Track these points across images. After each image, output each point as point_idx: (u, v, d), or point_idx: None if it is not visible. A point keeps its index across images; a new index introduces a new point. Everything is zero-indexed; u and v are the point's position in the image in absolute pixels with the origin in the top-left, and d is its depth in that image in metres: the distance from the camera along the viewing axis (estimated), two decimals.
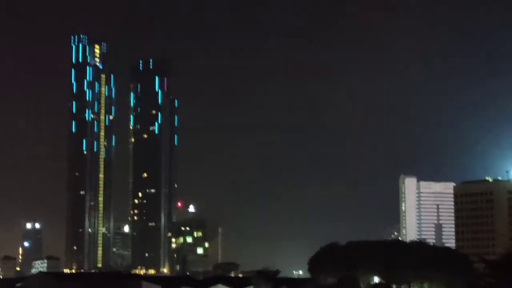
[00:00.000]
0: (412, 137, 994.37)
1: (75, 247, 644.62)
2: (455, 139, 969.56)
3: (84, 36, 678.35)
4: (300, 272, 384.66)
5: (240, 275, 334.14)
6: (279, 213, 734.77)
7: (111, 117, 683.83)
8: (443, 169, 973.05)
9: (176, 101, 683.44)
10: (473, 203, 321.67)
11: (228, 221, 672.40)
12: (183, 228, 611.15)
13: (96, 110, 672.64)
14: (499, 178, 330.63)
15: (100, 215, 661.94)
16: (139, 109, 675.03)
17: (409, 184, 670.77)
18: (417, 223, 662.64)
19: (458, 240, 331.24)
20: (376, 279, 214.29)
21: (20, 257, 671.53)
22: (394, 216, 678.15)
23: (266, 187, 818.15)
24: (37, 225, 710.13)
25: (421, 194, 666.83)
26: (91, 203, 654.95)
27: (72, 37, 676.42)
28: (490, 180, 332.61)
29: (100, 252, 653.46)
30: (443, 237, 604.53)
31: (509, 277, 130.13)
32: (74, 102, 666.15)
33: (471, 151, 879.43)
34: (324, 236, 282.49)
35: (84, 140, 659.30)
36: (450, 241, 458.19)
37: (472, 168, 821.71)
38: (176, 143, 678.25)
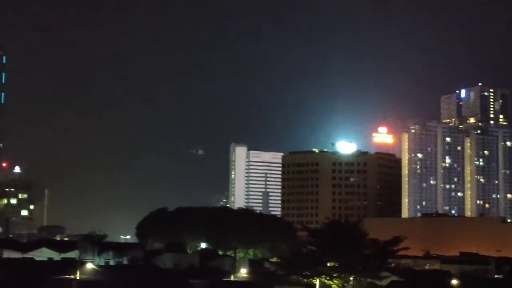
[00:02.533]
0: (243, 106, 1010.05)
1: None
2: (285, 110, 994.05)
3: None
4: (128, 237, 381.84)
5: (66, 239, 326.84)
6: (108, 179, 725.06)
7: None
8: (273, 139, 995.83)
9: (4, 57, 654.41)
10: (299, 173, 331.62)
11: (55, 183, 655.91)
12: (7, 189, 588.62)
13: None
14: (325, 150, 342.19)
15: None
16: None
17: (240, 153, 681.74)
18: (246, 191, 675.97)
19: (284, 208, 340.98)
20: (204, 245, 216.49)
21: None
22: (224, 184, 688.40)
23: (96, 152, 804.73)
24: None
25: (251, 163, 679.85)
26: None
27: None
28: (317, 151, 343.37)
29: None
30: (270, 205, 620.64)
31: (330, 245, 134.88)
32: None
33: (300, 123, 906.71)
34: (154, 203, 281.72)
35: None
36: (276, 209, 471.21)
37: (300, 139, 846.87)
38: (3, 100, 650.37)
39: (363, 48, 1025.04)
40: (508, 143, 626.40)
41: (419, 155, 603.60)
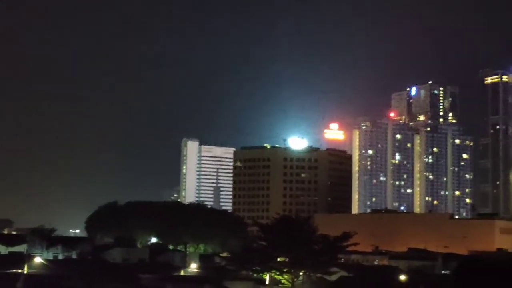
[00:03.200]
0: (196, 102, 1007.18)
1: None
2: (237, 106, 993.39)
3: None
4: (77, 231, 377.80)
5: (14, 232, 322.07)
6: (58, 173, 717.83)
7: None
8: (225, 134, 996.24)
9: None
10: (251, 168, 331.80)
11: (3, 176, 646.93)
12: None
13: None
14: (277, 145, 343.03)
15: None
16: None
17: (191, 148, 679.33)
18: (197, 186, 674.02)
19: (235, 204, 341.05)
20: (154, 240, 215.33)
21: None
22: (175, 178, 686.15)
23: (46, 146, 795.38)
24: None
25: (202, 158, 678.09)
26: None
27: None
28: (268, 147, 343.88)
29: None
30: (221, 200, 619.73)
31: (280, 240, 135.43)
32: None
33: (252, 119, 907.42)
34: (104, 198, 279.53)
35: None
36: (227, 204, 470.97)
37: (252, 135, 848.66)
38: None
39: (315, 46, 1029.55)
40: (457, 141, 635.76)
41: (370, 152, 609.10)
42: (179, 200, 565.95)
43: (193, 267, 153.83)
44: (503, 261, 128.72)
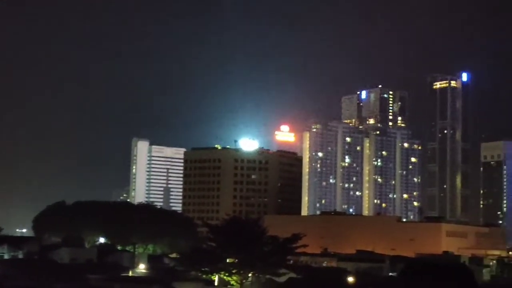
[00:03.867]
0: (146, 101, 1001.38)
1: None
2: (188, 106, 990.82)
3: None
4: (24, 230, 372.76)
5: None
6: (5, 172, 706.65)
7: None
8: (175, 134, 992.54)
9: None
10: (201, 169, 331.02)
11: None
12: None
13: None
14: (228, 146, 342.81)
15: None
16: None
17: (141, 148, 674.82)
18: (147, 186, 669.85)
19: (185, 204, 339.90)
20: (102, 240, 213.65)
21: None
22: (125, 178, 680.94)
23: None
24: None
25: (153, 158, 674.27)
26: None
27: None
28: (219, 147, 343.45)
29: None
30: (171, 200, 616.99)
31: (230, 241, 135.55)
32: None
33: (203, 119, 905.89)
34: (53, 197, 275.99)
35: None
36: (177, 205, 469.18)
37: (203, 135, 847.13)
38: None
39: (267, 48, 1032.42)
40: (406, 145, 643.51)
41: (320, 154, 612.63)
42: (128, 200, 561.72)
43: (142, 267, 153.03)
44: (447, 264, 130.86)
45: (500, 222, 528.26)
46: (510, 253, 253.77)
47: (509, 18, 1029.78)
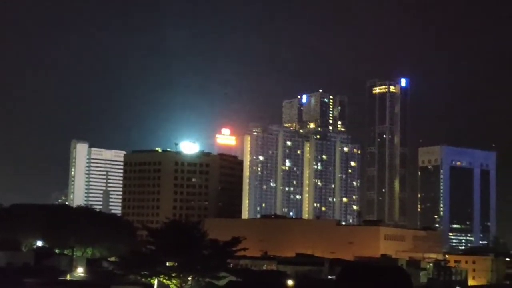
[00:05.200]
0: (85, 103, 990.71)
1: None
2: (129, 109, 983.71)
3: None
4: None
5: None
6: None
7: None
8: (115, 137, 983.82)
9: None
10: (141, 172, 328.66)
11: None
12: None
13: None
14: (168, 149, 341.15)
15: None
16: None
17: (80, 150, 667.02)
18: (86, 189, 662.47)
19: (124, 207, 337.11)
20: (40, 243, 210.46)
21: None
22: (64, 181, 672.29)
23: None
24: None
25: (92, 160, 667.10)
26: None
27: None
28: (160, 150, 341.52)
29: None
30: (110, 204, 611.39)
31: (169, 245, 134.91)
32: None
33: (144, 122, 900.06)
34: None
35: None
36: (117, 208, 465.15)
37: (144, 138, 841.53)
38: None
39: (209, 52, 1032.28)
40: (345, 149, 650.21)
41: (261, 158, 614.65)
42: (67, 203, 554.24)
43: (80, 271, 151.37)
44: (384, 266, 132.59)
45: (437, 225, 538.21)
46: (446, 256, 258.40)
47: (446, 26, 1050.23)
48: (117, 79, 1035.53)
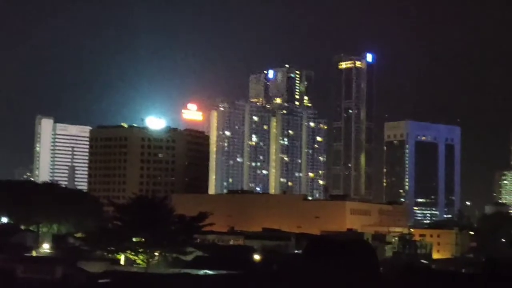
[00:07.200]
0: (50, 78, 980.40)
1: None
2: (94, 84, 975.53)
3: None
4: None
5: None
6: None
7: None
8: (81, 112, 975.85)
9: None
10: (107, 147, 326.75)
11: None
12: None
13: None
14: (135, 125, 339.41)
15: None
16: None
17: (45, 126, 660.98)
18: (51, 165, 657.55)
19: (91, 183, 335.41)
20: (5, 220, 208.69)
21: None
22: (29, 157, 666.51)
23: None
24: None
25: (57, 136, 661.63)
26: None
27: None
28: (126, 126, 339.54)
29: None
30: (76, 179, 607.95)
31: (136, 220, 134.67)
32: None
33: (110, 97, 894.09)
34: None
35: None
36: (83, 184, 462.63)
37: (110, 113, 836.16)
38: None
39: (174, 25, 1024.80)
40: (311, 124, 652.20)
41: (227, 133, 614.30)
42: (32, 179, 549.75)
43: (46, 247, 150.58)
44: (349, 240, 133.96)
45: (402, 200, 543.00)
46: (411, 230, 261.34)
47: (414, 1, 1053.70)
48: (82, 55, 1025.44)
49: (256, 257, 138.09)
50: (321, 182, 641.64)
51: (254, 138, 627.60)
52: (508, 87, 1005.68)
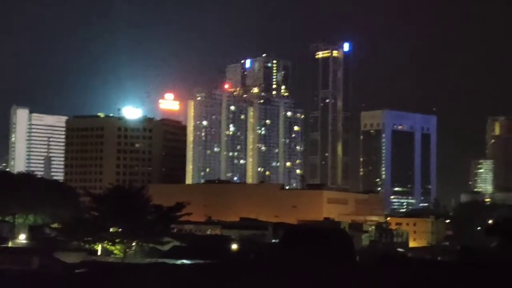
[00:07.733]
0: (26, 68, 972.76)
1: None
2: (70, 73, 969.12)
3: None
4: None
5: None
6: None
7: None
8: (57, 102, 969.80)
9: None
10: (84, 137, 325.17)
11: None
12: None
13: None
14: (111, 114, 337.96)
15: None
16: None
17: (21, 115, 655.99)
18: (27, 155, 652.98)
19: (67, 174, 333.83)
20: None
21: None
22: (4, 147, 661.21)
23: None
24: None
25: (33, 126, 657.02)
26: None
27: None
28: (102, 116, 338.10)
29: None
30: (52, 170, 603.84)
31: (113, 211, 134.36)
32: None
33: (86, 87, 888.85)
34: None
35: None
36: (59, 174, 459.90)
37: (86, 103, 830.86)
38: None
39: (152, 15, 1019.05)
40: (289, 113, 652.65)
41: (204, 123, 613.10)
42: (7, 169, 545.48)
43: (22, 238, 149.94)
44: (326, 229, 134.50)
45: (379, 189, 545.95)
46: (388, 218, 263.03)
47: None
48: (58, 44, 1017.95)
49: (234, 246, 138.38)
50: (298, 171, 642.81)
51: (231, 127, 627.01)
52: (485, 76, 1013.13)
